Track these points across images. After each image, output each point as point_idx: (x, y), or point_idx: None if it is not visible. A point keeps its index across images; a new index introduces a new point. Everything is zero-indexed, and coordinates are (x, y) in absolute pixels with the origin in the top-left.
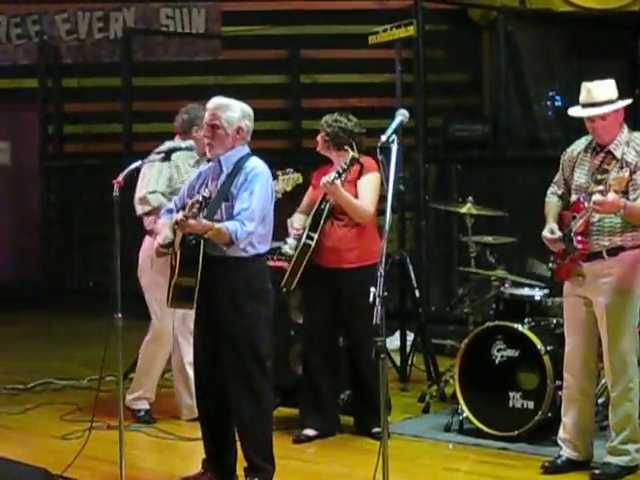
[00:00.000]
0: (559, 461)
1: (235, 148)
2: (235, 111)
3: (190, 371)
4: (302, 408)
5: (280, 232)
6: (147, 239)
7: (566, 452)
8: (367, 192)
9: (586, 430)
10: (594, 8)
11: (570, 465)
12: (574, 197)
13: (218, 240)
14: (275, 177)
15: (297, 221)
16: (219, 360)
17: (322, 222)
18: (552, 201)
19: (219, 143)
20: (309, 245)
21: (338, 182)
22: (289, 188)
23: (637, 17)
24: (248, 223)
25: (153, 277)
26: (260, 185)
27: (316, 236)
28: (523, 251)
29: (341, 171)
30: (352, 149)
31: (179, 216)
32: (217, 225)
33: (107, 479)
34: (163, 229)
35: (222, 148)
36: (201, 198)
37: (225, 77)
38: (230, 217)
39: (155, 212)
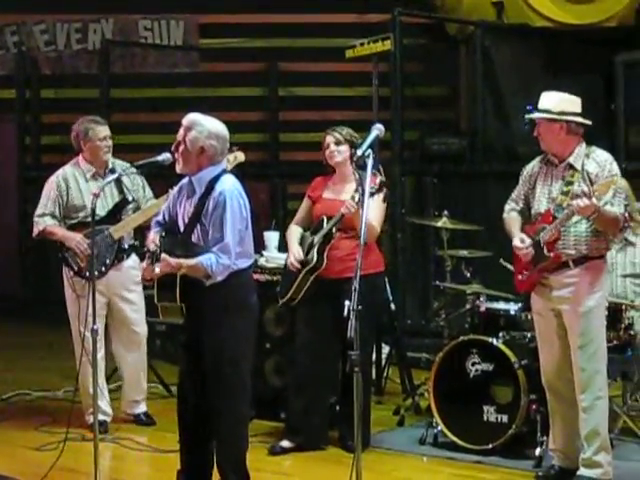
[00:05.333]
0: (552, 471)
1: (206, 168)
2: (201, 131)
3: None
4: (291, 419)
5: (256, 245)
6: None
7: (558, 461)
8: (376, 212)
9: (574, 437)
10: (571, 23)
11: (564, 474)
12: (539, 210)
13: (194, 274)
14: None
15: (295, 234)
16: (200, 370)
17: (330, 243)
18: (513, 216)
19: (183, 160)
20: (321, 267)
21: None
22: (229, 167)
23: (614, 33)
24: (223, 256)
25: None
26: (231, 212)
27: (325, 257)
28: (498, 265)
29: (369, 193)
30: (379, 172)
31: (147, 270)
32: (189, 262)
33: None
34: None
35: (186, 166)
36: (149, 252)
37: (203, 89)
38: (205, 240)
39: (44, 234)
